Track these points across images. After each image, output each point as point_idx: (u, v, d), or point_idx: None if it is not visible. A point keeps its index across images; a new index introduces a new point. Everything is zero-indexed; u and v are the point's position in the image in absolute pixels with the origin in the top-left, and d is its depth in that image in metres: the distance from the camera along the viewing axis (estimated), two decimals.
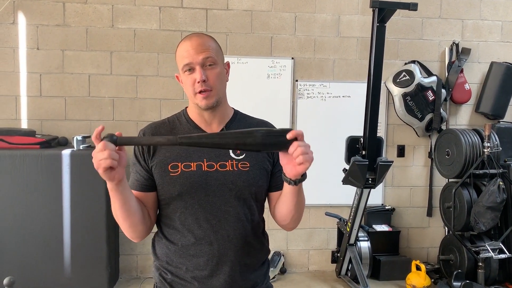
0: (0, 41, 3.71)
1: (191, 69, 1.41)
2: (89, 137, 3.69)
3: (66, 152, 3.38)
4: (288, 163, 1.27)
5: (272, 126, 1.55)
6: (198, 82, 1.39)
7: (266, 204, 1.55)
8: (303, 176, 1.30)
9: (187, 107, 1.56)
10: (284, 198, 1.41)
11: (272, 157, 1.51)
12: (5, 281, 2.00)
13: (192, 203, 1.41)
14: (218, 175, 1.41)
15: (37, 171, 3.34)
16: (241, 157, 1.45)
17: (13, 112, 3.77)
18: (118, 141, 1.20)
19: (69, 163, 3.37)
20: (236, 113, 1.57)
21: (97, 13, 3.80)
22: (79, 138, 3.49)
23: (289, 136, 1.23)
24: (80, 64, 3.81)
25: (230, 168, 1.43)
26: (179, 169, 1.41)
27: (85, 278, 3.44)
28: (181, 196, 1.41)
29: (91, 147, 3.59)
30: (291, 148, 1.23)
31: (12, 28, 3.72)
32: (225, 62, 1.50)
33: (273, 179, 1.52)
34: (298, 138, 1.24)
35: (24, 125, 3.78)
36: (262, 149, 1.25)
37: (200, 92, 1.41)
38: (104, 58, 3.83)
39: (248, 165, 1.44)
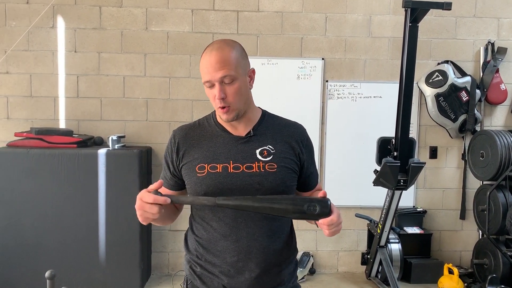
0: (41, 45, 3.87)
1: (211, 85, 1.44)
2: (124, 137, 3.80)
3: (102, 152, 3.49)
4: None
5: (302, 128, 1.61)
6: (218, 99, 1.44)
7: None
8: None
9: None
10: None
11: (300, 161, 1.56)
12: (47, 274, 2.10)
13: None
14: (244, 176, 1.46)
15: (74, 169, 3.46)
16: (268, 158, 1.49)
17: (52, 113, 3.92)
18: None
19: (104, 162, 3.48)
20: (264, 114, 1.60)
21: (132, 16, 3.91)
22: (114, 137, 3.60)
23: (320, 223, 1.33)
24: (115, 66, 3.93)
25: (257, 170, 1.46)
26: (205, 170, 1.47)
27: (119, 274, 3.54)
28: (206, 195, 1.45)
29: (126, 147, 3.70)
30: (322, 227, 1.34)
31: (52, 32, 3.87)
32: (249, 69, 1.51)
33: (301, 181, 1.59)
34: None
35: (62, 125, 3.92)
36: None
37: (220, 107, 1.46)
38: (138, 60, 3.94)
39: (276, 166, 1.48)
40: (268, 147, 1.51)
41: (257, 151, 1.49)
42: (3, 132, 3.86)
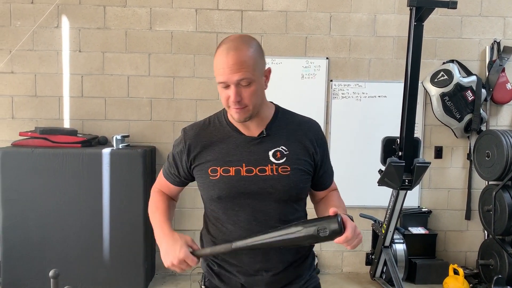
0: (45, 44, 3.88)
1: (226, 86, 1.38)
2: (128, 136, 3.80)
3: (106, 151, 3.50)
4: None
5: (317, 125, 1.57)
6: (233, 101, 1.38)
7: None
8: None
9: None
10: None
11: (314, 161, 1.52)
12: (51, 273, 2.10)
13: (232, 206, 1.45)
14: (257, 180, 1.43)
15: (78, 169, 3.46)
16: (281, 161, 1.45)
17: (56, 112, 3.93)
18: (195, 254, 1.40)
19: (108, 162, 3.48)
20: (278, 111, 1.55)
21: (136, 16, 3.91)
22: (119, 137, 3.60)
23: (336, 242, 1.28)
24: (120, 65, 3.93)
25: (270, 173, 1.43)
26: (218, 173, 1.45)
27: (122, 273, 3.54)
28: (220, 199, 1.45)
29: (130, 146, 3.71)
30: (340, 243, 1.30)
31: (56, 31, 3.88)
32: (265, 69, 1.45)
33: (315, 180, 1.56)
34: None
35: (66, 124, 3.93)
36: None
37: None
38: (143, 59, 3.94)
39: (289, 169, 1.45)
40: (282, 148, 1.47)
41: (270, 153, 1.46)
42: (8, 132, 3.87)
